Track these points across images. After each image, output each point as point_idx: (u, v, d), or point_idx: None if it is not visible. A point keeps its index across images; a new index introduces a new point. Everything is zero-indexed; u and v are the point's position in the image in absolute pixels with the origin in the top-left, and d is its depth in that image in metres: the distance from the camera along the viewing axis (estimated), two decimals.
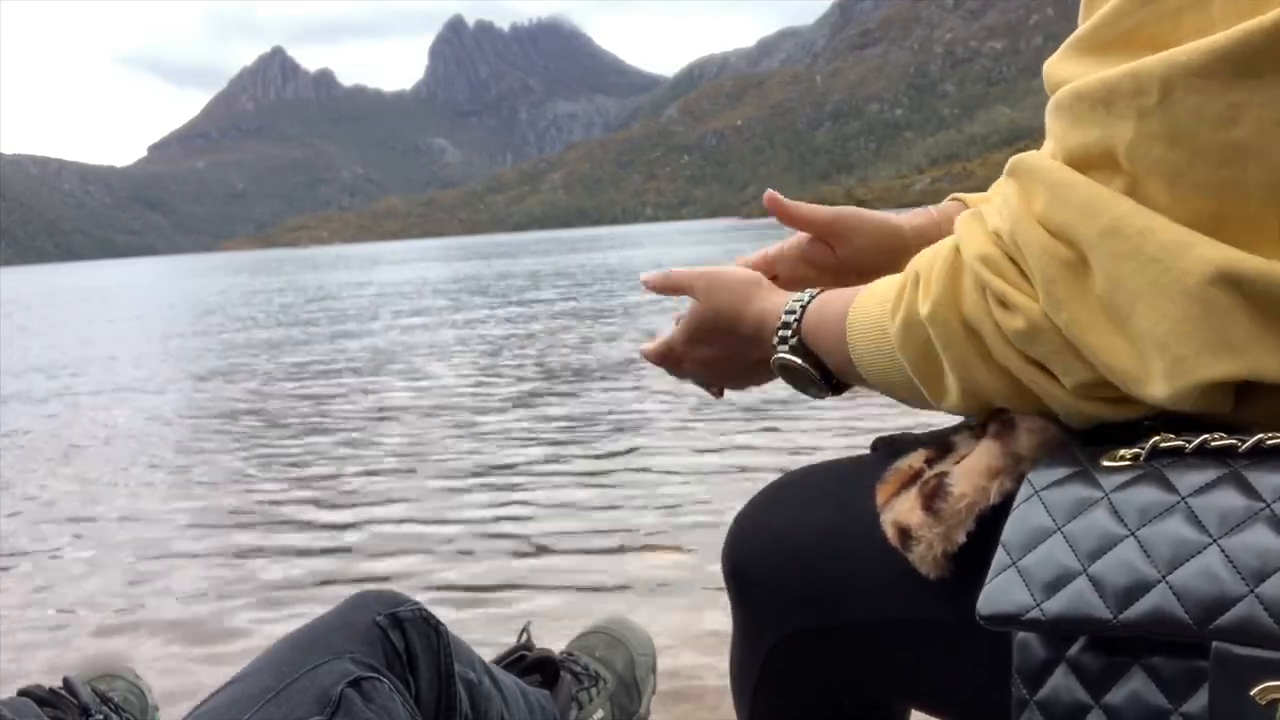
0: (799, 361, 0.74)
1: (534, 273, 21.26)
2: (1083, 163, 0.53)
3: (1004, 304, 0.56)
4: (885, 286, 0.67)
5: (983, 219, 0.60)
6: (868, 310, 0.68)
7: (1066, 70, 0.54)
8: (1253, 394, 0.51)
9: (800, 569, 0.72)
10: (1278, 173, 0.47)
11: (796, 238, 0.90)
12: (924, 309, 0.61)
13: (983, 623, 0.53)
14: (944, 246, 0.62)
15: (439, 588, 2.43)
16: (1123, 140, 0.50)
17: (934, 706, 0.73)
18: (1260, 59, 0.46)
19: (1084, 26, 0.53)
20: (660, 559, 2.54)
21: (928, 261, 0.63)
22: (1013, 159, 0.58)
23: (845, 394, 0.77)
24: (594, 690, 1.29)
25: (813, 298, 0.75)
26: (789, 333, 0.75)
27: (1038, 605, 0.51)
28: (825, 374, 0.75)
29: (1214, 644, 0.45)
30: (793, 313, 0.75)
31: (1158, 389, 0.51)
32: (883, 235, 0.87)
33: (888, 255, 0.85)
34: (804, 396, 0.79)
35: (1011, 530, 0.54)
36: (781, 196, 0.89)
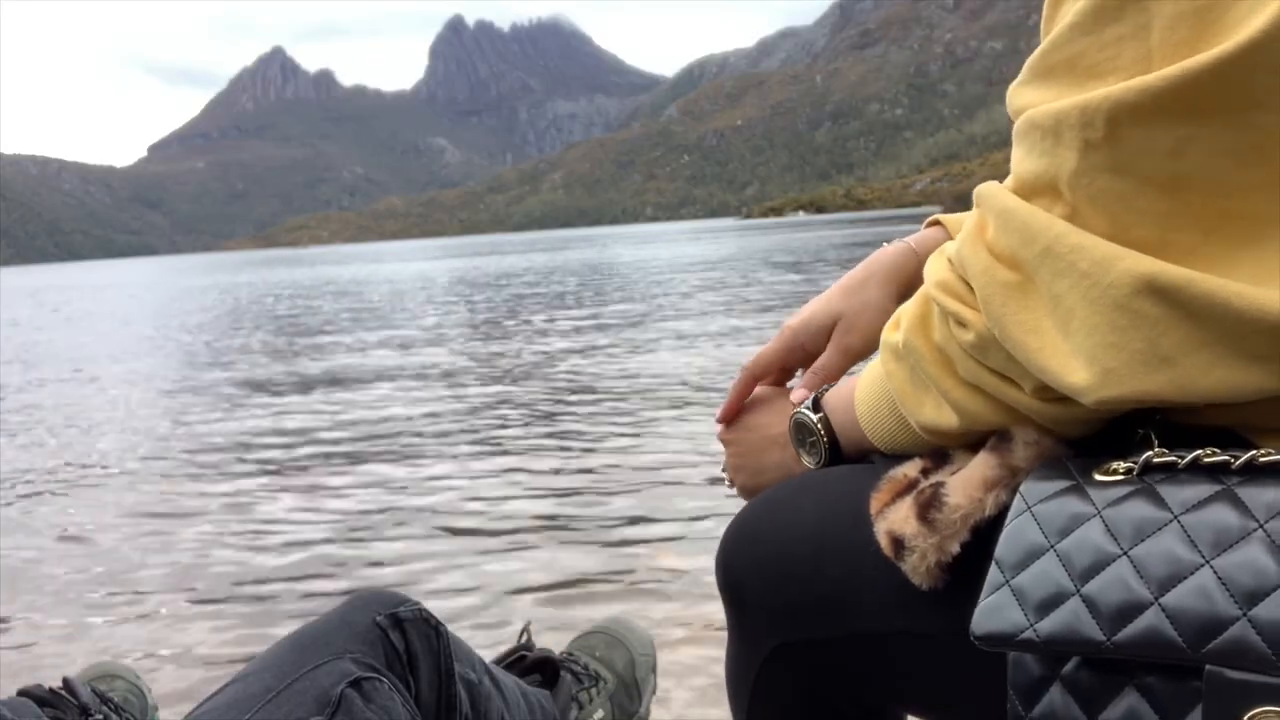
0: (811, 416, 0.78)
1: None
2: (1031, 190, 0.55)
3: (960, 323, 0.59)
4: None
5: (945, 250, 0.63)
6: (873, 367, 0.73)
7: (1023, 97, 0.56)
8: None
9: (794, 579, 0.72)
10: (1221, 201, 0.48)
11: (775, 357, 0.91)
12: (900, 340, 0.65)
13: (977, 643, 0.53)
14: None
15: (439, 588, 2.42)
16: (1066, 170, 0.52)
17: (931, 714, 0.74)
18: (1203, 96, 0.47)
19: (1037, 50, 0.55)
20: (663, 561, 2.53)
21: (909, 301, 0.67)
22: (976, 188, 0.60)
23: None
24: (594, 690, 1.29)
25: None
26: (816, 395, 0.80)
27: (1031, 626, 0.51)
28: (833, 441, 0.78)
29: (1207, 668, 0.45)
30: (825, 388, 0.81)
31: (1089, 400, 0.53)
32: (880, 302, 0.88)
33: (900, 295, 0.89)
34: None
35: (1005, 547, 0.54)
36: (727, 411, 0.91)
